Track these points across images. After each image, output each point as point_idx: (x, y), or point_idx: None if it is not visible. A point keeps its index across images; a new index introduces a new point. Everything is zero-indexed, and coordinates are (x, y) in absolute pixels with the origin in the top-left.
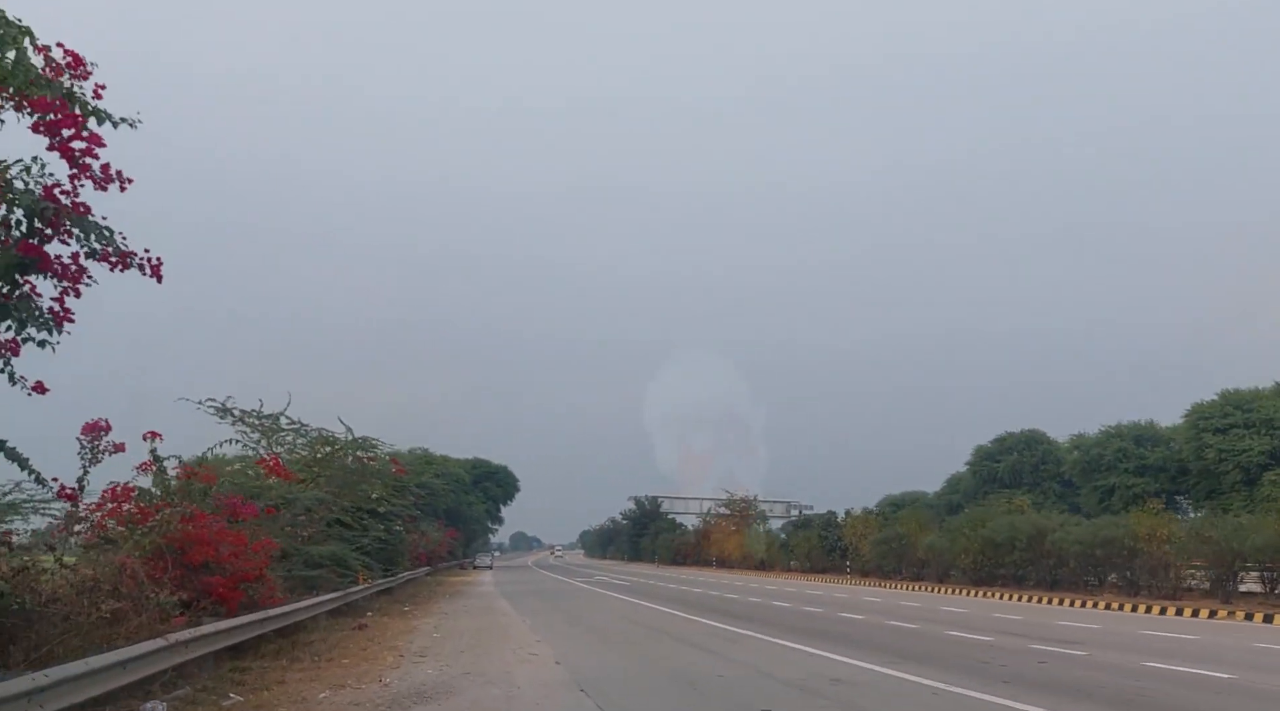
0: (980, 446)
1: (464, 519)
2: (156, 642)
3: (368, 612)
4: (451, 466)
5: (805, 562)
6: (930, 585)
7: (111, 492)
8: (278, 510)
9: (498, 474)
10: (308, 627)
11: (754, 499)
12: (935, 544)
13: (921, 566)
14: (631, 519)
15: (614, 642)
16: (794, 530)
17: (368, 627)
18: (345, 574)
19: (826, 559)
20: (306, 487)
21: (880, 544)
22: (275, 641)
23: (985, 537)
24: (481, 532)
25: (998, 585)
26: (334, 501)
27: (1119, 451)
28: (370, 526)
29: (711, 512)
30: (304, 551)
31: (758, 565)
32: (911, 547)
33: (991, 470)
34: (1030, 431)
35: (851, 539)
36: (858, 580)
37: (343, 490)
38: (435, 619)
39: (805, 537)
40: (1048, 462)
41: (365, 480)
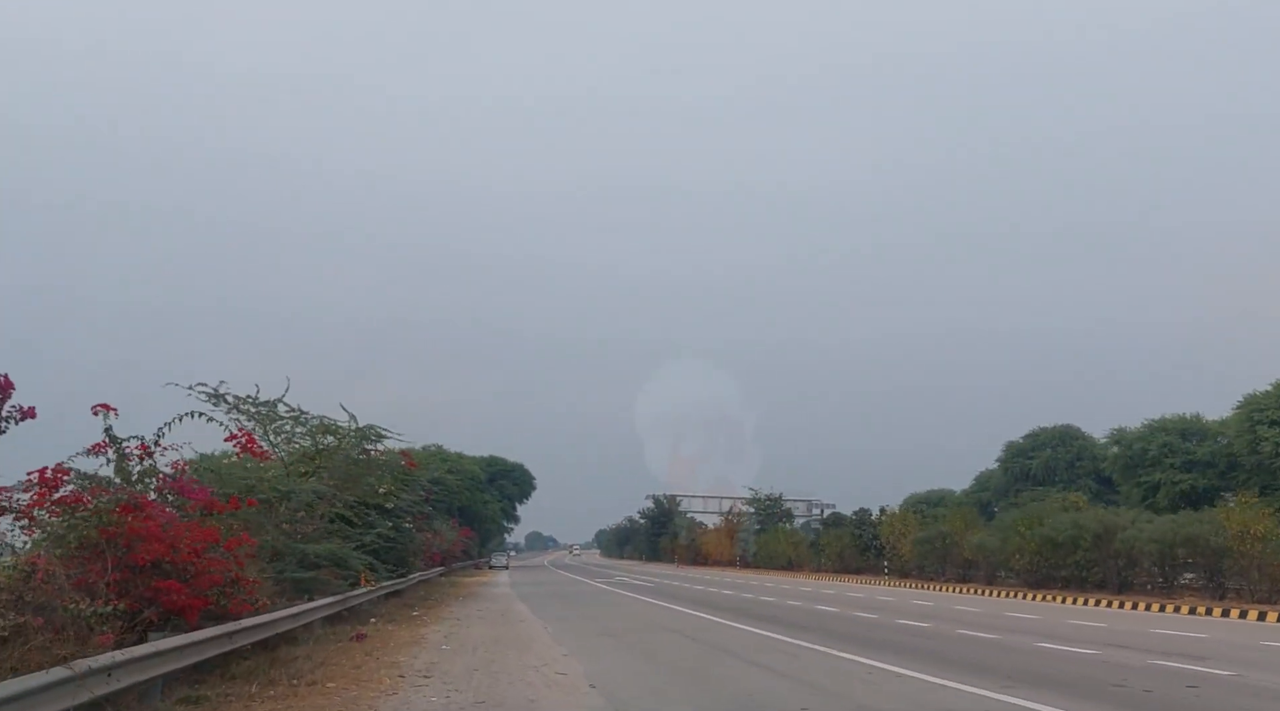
0: (1011, 442)
1: (479, 517)
2: (55, 673)
3: (371, 619)
4: (466, 464)
5: (837, 562)
6: (978, 587)
7: (40, 476)
8: (269, 503)
9: (513, 472)
10: (299, 639)
11: (779, 497)
12: (985, 543)
13: (967, 567)
14: (650, 518)
15: (654, 657)
16: (824, 529)
17: (367, 638)
18: (347, 575)
19: (860, 559)
20: (307, 480)
21: (922, 543)
22: (253, 657)
23: (1044, 536)
24: (497, 532)
25: (1057, 587)
26: (336, 495)
27: (1164, 446)
28: (377, 523)
29: (734, 511)
30: (298, 550)
31: (784, 565)
32: (957, 547)
33: (1024, 467)
34: (1064, 427)
35: (889, 538)
36: (897, 581)
37: (346, 483)
38: (446, 626)
39: (837, 536)
40: (1083, 459)
41: (371, 473)
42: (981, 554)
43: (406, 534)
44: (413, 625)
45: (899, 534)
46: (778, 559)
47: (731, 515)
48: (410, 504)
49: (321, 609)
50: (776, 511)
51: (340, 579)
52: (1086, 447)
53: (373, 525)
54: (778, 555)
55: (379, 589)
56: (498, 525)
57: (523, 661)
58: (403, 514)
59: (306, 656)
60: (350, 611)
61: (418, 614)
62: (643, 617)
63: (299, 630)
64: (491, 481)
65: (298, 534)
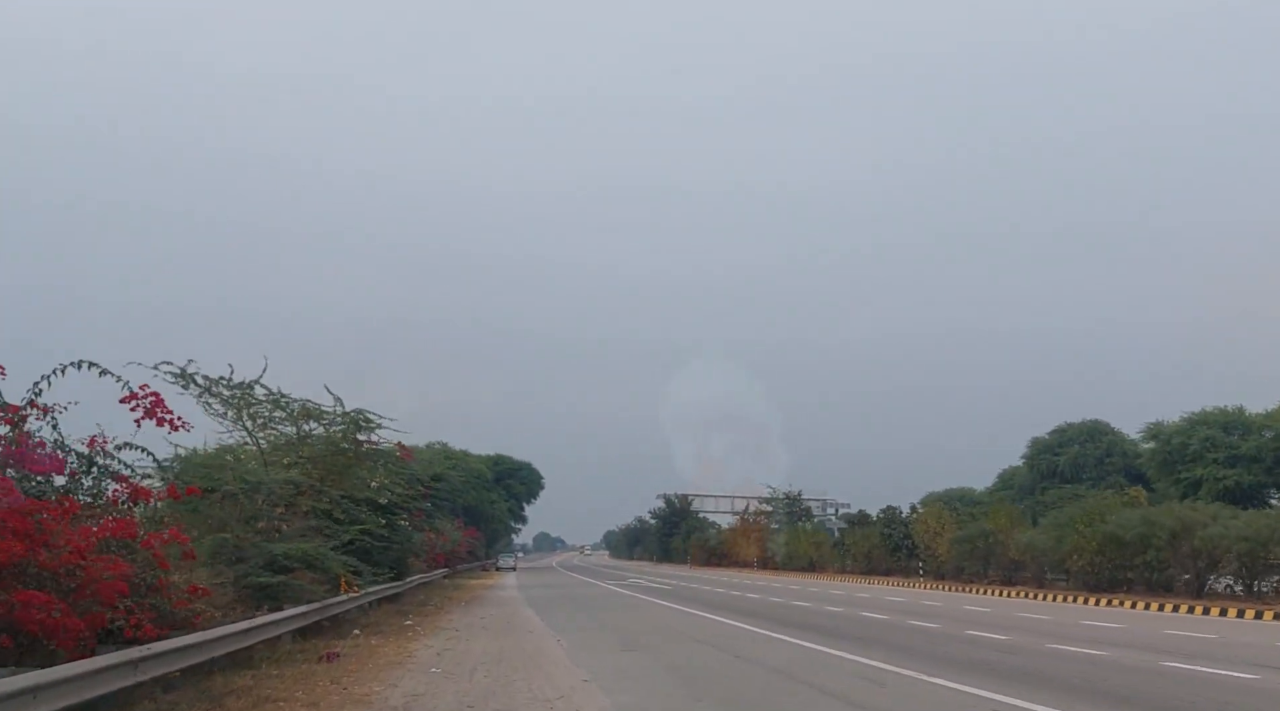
0: (1037, 438)
1: (485, 517)
2: None
3: (354, 631)
4: (472, 462)
5: (864, 563)
6: (1028, 590)
7: None
8: (233, 495)
9: (521, 471)
10: (255, 659)
11: (798, 494)
12: (1035, 542)
13: (1012, 568)
14: (661, 518)
15: (696, 683)
16: (849, 527)
17: (341, 657)
18: (328, 579)
19: (890, 559)
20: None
21: (962, 542)
22: (180, 689)
23: (1108, 535)
24: (504, 532)
25: (1121, 590)
26: (320, 488)
27: (1206, 440)
28: (369, 520)
29: (751, 510)
30: (265, 550)
31: (806, 566)
32: (1002, 546)
33: (1051, 463)
34: (1093, 422)
35: (923, 536)
36: (934, 583)
37: (332, 475)
38: (442, 638)
39: (864, 535)
40: (1113, 454)
41: (361, 464)
42: (1030, 554)
43: (402, 533)
44: (402, 637)
45: (934, 533)
46: (798, 560)
47: (749, 514)
48: (406, 499)
49: (287, 621)
50: (796, 510)
51: (319, 584)
52: (1116, 443)
53: (357, 521)
54: (798, 556)
55: (365, 595)
56: (505, 525)
57: (531, 689)
58: (397, 510)
59: (250, 687)
60: (332, 621)
61: (411, 623)
62: (668, 626)
63: (260, 647)
64: (498, 481)
65: (275, 532)
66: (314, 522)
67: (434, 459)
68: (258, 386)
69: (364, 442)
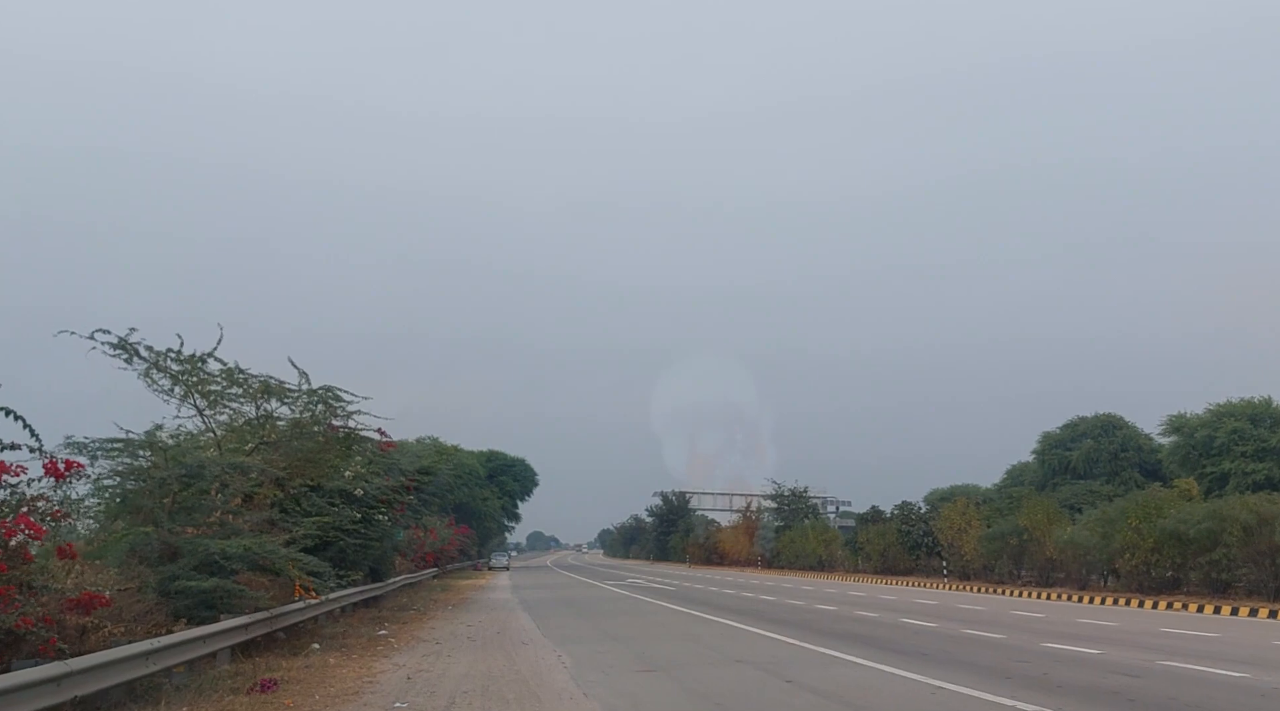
0: (1048, 433)
1: (477, 515)
2: None
3: (312, 647)
4: (464, 458)
5: (879, 562)
6: (1069, 592)
7: None
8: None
9: (515, 467)
10: (162, 688)
11: (804, 491)
12: (1078, 539)
13: (1049, 568)
14: (658, 516)
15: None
16: (863, 525)
17: (280, 685)
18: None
19: (908, 558)
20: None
21: (993, 540)
22: None
23: (1168, 530)
24: (497, 530)
25: (1180, 592)
26: (278, 475)
27: (1233, 433)
28: (334, 514)
29: (754, 508)
30: (202, 548)
31: (814, 565)
32: (1037, 545)
33: (1063, 459)
34: (1106, 416)
35: (948, 534)
36: (960, 584)
37: (300, 464)
38: (418, 655)
39: (879, 533)
40: (1127, 449)
41: (331, 450)
42: (1071, 553)
43: (380, 529)
44: (370, 653)
45: (959, 530)
46: (806, 558)
47: (751, 512)
48: (385, 491)
49: (216, 637)
50: (801, 507)
51: (272, 588)
52: (1131, 438)
53: (324, 514)
54: (806, 554)
55: (326, 602)
56: (498, 523)
57: None
58: (376, 504)
59: None
60: (290, 633)
61: (386, 633)
62: (688, 637)
63: (179, 671)
64: (491, 477)
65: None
66: (273, 516)
67: (424, 453)
68: (211, 360)
69: (340, 428)
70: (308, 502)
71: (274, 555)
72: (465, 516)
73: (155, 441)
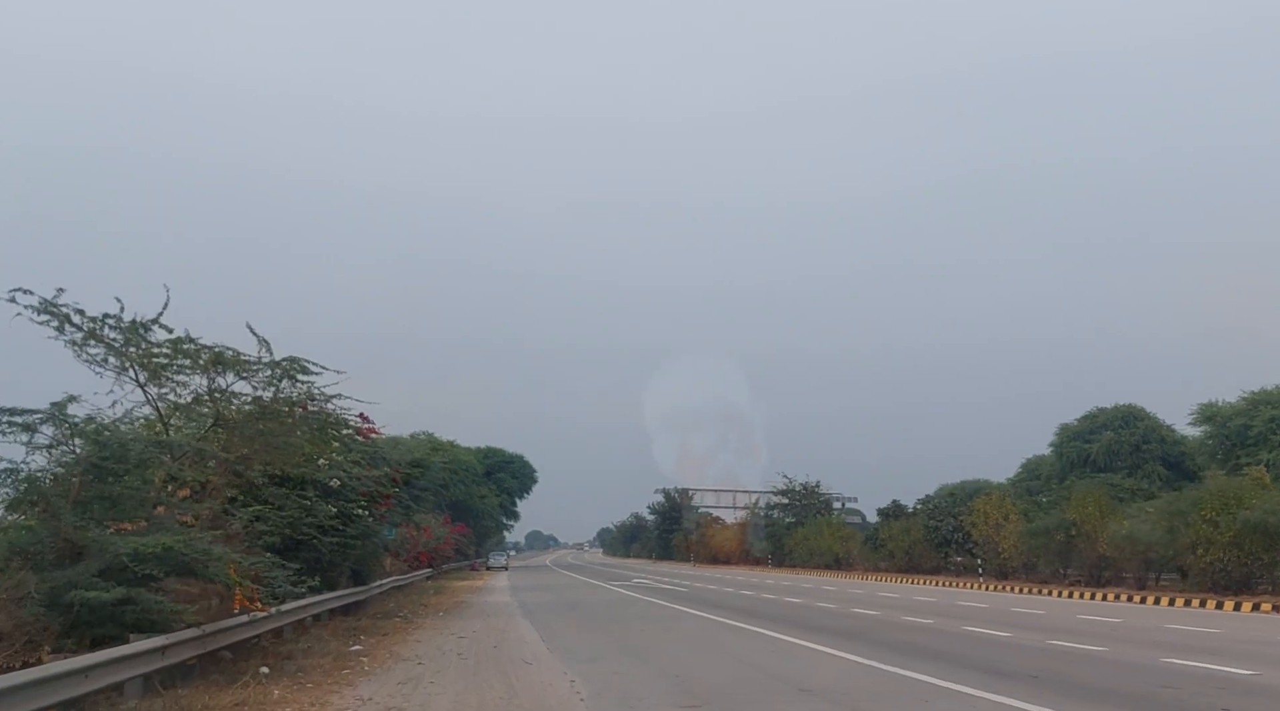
0: (1065, 425)
1: (475, 513)
2: None
3: (260, 671)
4: (460, 453)
5: (903, 561)
6: (1126, 592)
7: None
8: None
9: (513, 463)
10: None
11: (816, 485)
12: (1137, 534)
13: (1101, 565)
14: (660, 513)
15: None
16: (884, 521)
17: None
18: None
19: (935, 555)
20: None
21: (1037, 535)
22: None
23: (1252, 523)
24: (496, 529)
25: (1255, 592)
26: (229, 462)
27: (1271, 421)
28: (318, 509)
29: (762, 505)
30: (110, 548)
31: (830, 563)
32: (1087, 540)
33: (1081, 451)
34: (1127, 406)
35: (983, 529)
36: (999, 584)
37: (263, 451)
38: (392, 681)
39: (904, 529)
40: (1150, 441)
41: (299, 430)
42: (1129, 548)
43: (361, 526)
44: (331, 680)
45: (995, 525)
46: (820, 556)
47: (758, 508)
48: (368, 483)
49: (102, 671)
50: (814, 503)
51: (206, 599)
52: (1153, 429)
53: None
54: (820, 552)
55: (276, 615)
56: (496, 522)
57: None
58: (354, 497)
59: None
60: (238, 650)
61: (359, 649)
62: (724, 652)
63: None
64: (489, 475)
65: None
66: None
67: (417, 448)
68: (156, 327)
69: (315, 411)
70: (269, 494)
71: (205, 556)
72: (462, 514)
73: (61, 414)
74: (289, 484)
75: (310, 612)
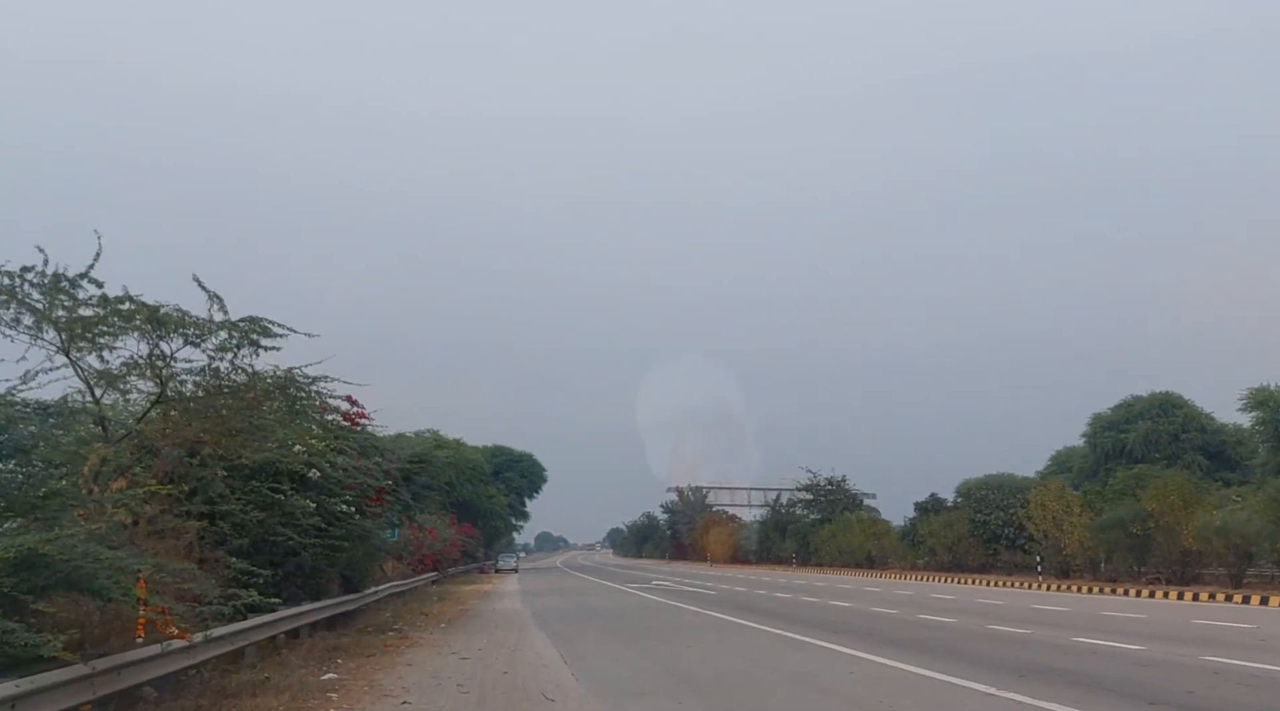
0: (1099, 414)
1: (483, 513)
2: None
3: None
4: (467, 452)
5: (945, 557)
6: (1222, 590)
7: None
8: None
9: (521, 462)
10: None
11: (841, 480)
12: (1233, 526)
13: (1183, 562)
14: (673, 512)
15: None
16: (921, 516)
17: None
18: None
19: (983, 552)
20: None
21: (1108, 529)
22: None
23: None
24: (505, 530)
25: None
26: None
27: None
28: (290, 505)
29: (784, 501)
30: None
31: (861, 562)
32: (1168, 533)
33: (1117, 442)
34: (1164, 394)
35: (1041, 523)
36: (1060, 583)
37: (211, 428)
38: None
39: (947, 524)
40: (1189, 429)
41: (268, 408)
42: (1222, 542)
43: (349, 526)
44: None
45: (1056, 518)
46: (850, 554)
47: (780, 505)
48: (355, 474)
49: None
50: (840, 498)
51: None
52: (1192, 417)
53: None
54: (850, 550)
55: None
56: (505, 522)
57: None
58: (338, 491)
59: None
60: (170, 685)
61: (332, 677)
62: (807, 682)
63: None
64: (497, 474)
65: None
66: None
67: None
68: (86, 282)
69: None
70: (230, 487)
71: (93, 564)
72: (469, 515)
73: None
74: (261, 476)
75: (264, 635)
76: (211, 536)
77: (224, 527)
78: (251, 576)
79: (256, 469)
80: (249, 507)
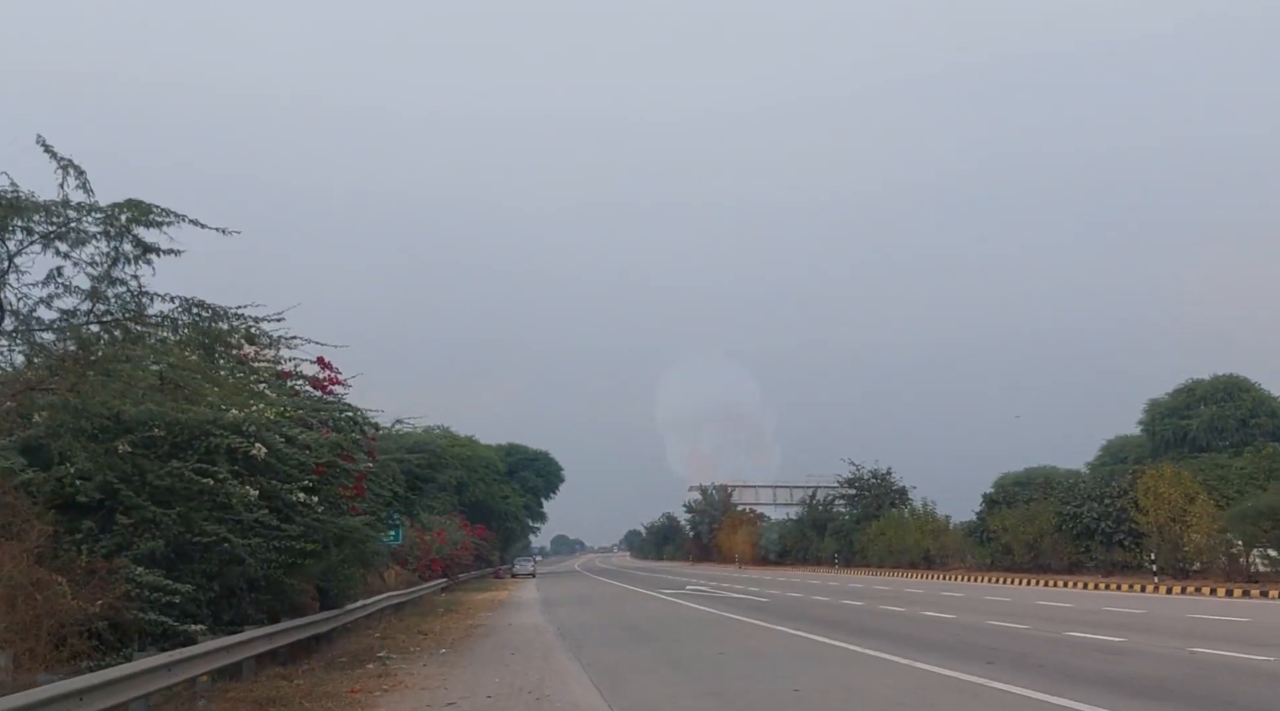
0: (1155, 401)
1: (497, 515)
2: None
3: None
4: (480, 450)
5: (1025, 556)
6: None
7: None
8: None
9: (537, 461)
10: None
11: (886, 473)
12: None
13: None
14: (697, 512)
15: None
16: (990, 509)
17: None
18: None
19: (1073, 549)
20: None
21: (1250, 520)
22: None
23: None
24: (520, 532)
25: None
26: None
27: None
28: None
29: (820, 498)
30: None
31: (917, 562)
32: None
33: (1178, 429)
34: (1228, 377)
35: (1158, 515)
36: (1180, 585)
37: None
38: None
39: (1026, 517)
40: (1258, 414)
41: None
42: None
43: (312, 519)
44: None
45: (1177, 509)
46: (902, 554)
47: (817, 502)
48: (321, 449)
49: None
50: (886, 493)
51: None
52: (1261, 401)
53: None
54: (903, 548)
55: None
56: (521, 524)
57: None
58: (295, 474)
59: None
60: None
61: None
62: None
63: None
64: (512, 474)
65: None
66: None
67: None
68: None
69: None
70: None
71: None
72: (483, 516)
73: None
74: (185, 454)
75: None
76: (112, 538)
77: (124, 523)
78: (164, 592)
79: (180, 444)
80: (157, 494)
